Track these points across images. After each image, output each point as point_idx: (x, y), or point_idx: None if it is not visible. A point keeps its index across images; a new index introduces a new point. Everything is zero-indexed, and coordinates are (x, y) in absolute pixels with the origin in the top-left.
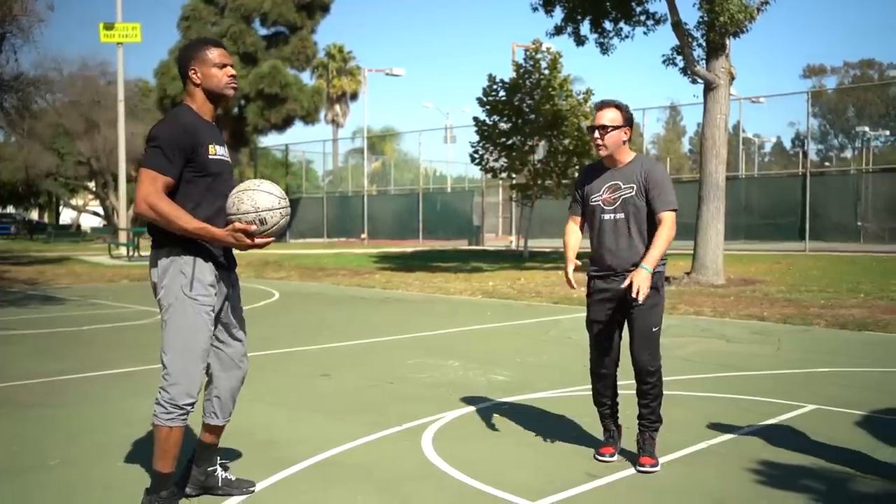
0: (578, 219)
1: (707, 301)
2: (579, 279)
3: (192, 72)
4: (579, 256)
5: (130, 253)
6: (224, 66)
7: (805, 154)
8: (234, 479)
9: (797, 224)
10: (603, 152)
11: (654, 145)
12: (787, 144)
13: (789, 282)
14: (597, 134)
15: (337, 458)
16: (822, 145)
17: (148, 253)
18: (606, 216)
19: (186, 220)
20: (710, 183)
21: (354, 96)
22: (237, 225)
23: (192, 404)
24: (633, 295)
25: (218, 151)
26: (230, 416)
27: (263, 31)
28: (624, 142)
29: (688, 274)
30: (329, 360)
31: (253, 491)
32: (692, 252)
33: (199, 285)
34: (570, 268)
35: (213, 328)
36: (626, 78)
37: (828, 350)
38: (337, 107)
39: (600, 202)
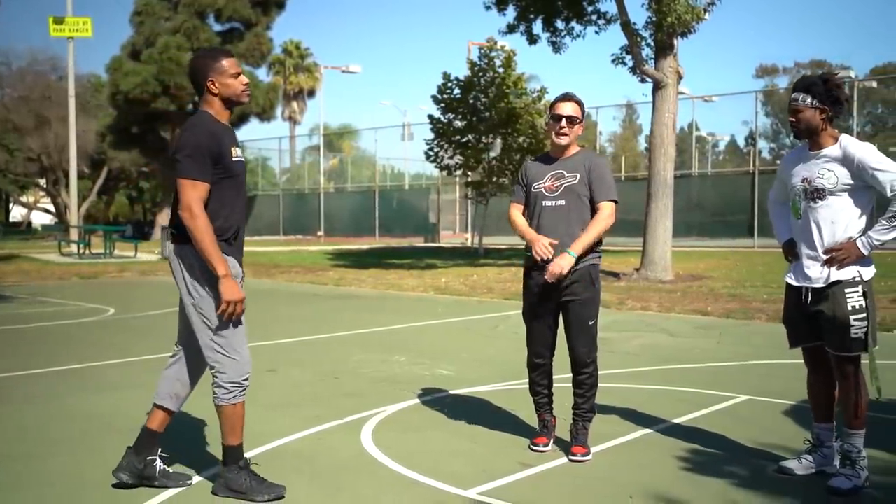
0: (521, 206)
1: (654, 297)
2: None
3: (211, 82)
4: (519, 254)
5: (81, 251)
6: (238, 74)
7: (755, 153)
8: (171, 471)
9: (746, 221)
10: (564, 141)
11: (611, 143)
12: (741, 143)
13: (735, 278)
14: (564, 123)
15: (276, 450)
16: (774, 144)
17: (99, 251)
18: (547, 202)
19: (213, 246)
20: (659, 180)
21: (312, 93)
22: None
23: (248, 378)
24: (547, 276)
25: (237, 153)
26: (180, 408)
27: (218, 28)
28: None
29: (637, 270)
30: (276, 356)
31: (190, 484)
32: (641, 248)
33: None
34: (542, 240)
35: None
36: (583, 76)
37: (766, 343)
38: (294, 104)
39: (542, 189)
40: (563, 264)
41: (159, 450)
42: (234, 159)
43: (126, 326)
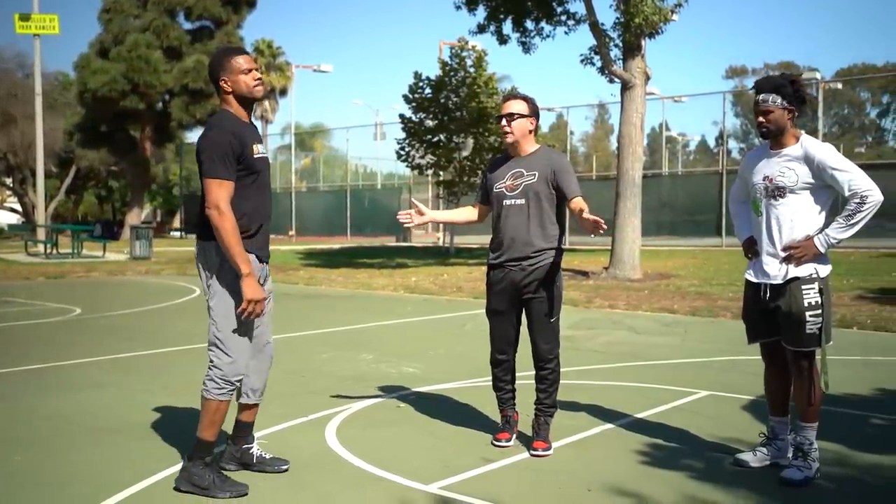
0: (478, 206)
1: (622, 295)
2: (417, 211)
3: (223, 81)
4: (476, 253)
5: (48, 250)
6: (249, 70)
7: (724, 152)
8: (268, 456)
9: (715, 220)
10: (510, 139)
11: (583, 143)
12: (711, 143)
13: (702, 276)
14: (504, 122)
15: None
16: (743, 144)
17: (67, 251)
18: (508, 201)
19: (238, 246)
20: (627, 180)
21: (284, 92)
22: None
23: (240, 380)
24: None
25: (259, 150)
26: (262, 397)
27: (188, 26)
28: (530, 132)
29: (606, 269)
30: None
31: (286, 469)
32: (610, 247)
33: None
34: (427, 209)
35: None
36: (555, 75)
37: (730, 340)
38: (266, 103)
39: (503, 188)
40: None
41: (255, 437)
42: (255, 156)
43: (92, 326)
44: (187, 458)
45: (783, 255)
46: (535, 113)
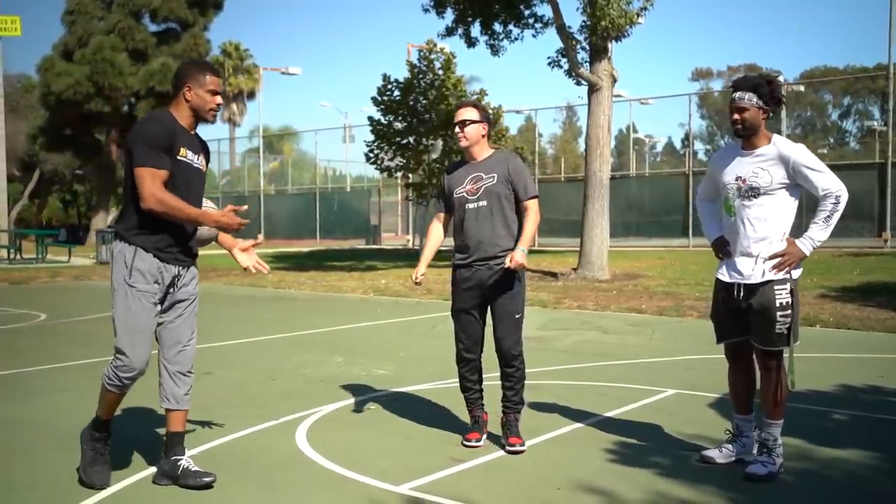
0: (443, 216)
1: (591, 295)
2: (425, 279)
3: (187, 88)
4: (445, 255)
5: (12, 256)
6: (215, 93)
7: (690, 154)
8: (193, 469)
9: (681, 221)
10: (464, 143)
11: (551, 145)
12: (678, 144)
13: (669, 276)
14: (458, 129)
15: (210, 451)
16: (709, 145)
17: (31, 256)
18: (470, 205)
19: (189, 210)
20: (595, 181)
21: (252, 95)
22: (230, 207)
23: (131, 378)
24: (508, 264)
25: (188, 155)
26: (183, 404)
27: (154, 28)
28: (483, 136)
29: (574, 270)
30: (214, 359)
31: (208, 482)
32: (579, 248)
33: (137, 274)
34: (420, 269)
35: (155, 313)
36: (525, 77)
37: (696, 339)
38: (233, 105)
39: (464, 193)
40: (519, 259)
41: (185, 450)
42: (179, 157)
43: (57, 332)
44: (87, 426)
45: (755, 254)
46: (486, 118)
